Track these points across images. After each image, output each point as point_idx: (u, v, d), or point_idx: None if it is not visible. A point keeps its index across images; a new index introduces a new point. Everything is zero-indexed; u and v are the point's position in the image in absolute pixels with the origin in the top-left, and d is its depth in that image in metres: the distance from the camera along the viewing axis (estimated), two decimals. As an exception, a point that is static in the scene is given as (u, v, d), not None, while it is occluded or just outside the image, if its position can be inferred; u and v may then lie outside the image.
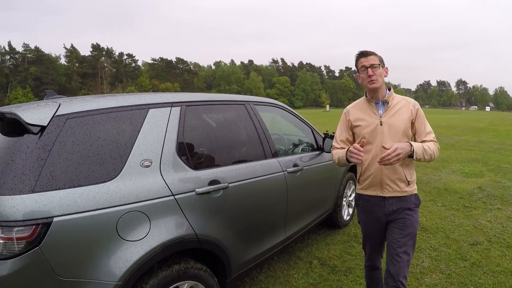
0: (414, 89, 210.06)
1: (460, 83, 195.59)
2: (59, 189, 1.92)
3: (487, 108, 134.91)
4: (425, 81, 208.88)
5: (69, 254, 1.92)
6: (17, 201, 1.81)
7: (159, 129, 2.45)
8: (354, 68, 2.73)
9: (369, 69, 2.49)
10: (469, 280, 3.66)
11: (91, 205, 1.98)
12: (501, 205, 6.15)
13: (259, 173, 3.12)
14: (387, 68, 2.63)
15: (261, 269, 3.92)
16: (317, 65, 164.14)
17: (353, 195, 5.37)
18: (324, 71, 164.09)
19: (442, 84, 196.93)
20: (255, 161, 3.21)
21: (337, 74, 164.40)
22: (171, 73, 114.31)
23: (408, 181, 2.56)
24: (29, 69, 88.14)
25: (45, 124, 1.99)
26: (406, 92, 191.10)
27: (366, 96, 2.68)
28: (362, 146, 2.41)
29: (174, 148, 2.48)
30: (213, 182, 2.63)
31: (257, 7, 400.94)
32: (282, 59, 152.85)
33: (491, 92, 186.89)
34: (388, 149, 2.34)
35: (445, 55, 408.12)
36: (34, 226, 1.81)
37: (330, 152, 4.23)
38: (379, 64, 2.52)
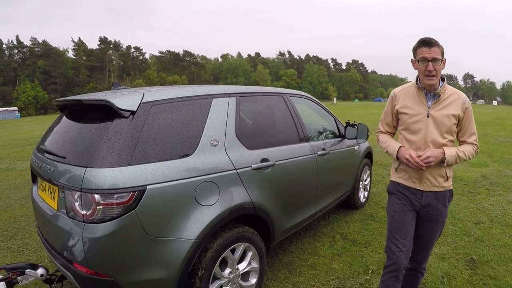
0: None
1: (467, 76, 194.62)
2: (150, 162, 2.38)
3: (494, 102, 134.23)
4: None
5: (158, 216, 2.38)
6: (117, 173, 2.23)
7: (221, 115, 2.97)
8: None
9: (430, 64, 2.36)
10: (473, 251, 4.16)
11: (175, 175, 2.47)
12: (503, 191, 6.63)
13: (296, 154, 3.66)
14: (445, 59, 2.46)
15: (291, 242, 4.46)
16: (324, 57, 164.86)
17: (368, 179, 5.92)
18: (331, 64, 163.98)
19: (449, 77, 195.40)
20: (293, 144, 3.73)
21: (344, 67, 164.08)
22: (178, 66, 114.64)
23: (447, 177, 2.56)
24: (37, 63, 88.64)
25: (135, 110, 2.46)
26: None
27: (417, 84, 2.56)
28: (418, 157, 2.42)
29: (234, 131, 3.01)
30: (264, 160, 3.17)
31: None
32: (289, 52, 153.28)
33: (498, 86, 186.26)
34: (420, 154, 2.41)
35: (453, 49, 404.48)
36: (131, 193, 2.24)
37: (350, 139, 4.81)
38: (441, 60, 2.39)
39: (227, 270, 2.85)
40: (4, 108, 65.28)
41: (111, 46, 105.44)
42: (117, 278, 2.30)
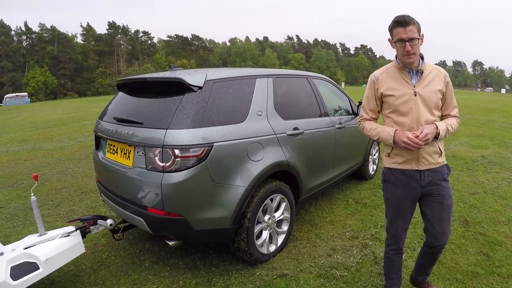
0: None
1: (476, 64, 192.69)
2: (215, 126, 3.11)
3: (503, 90, 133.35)
4: (440, 61, 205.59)
5: (221, 167, 3.11)
6: (192, 133, 2.95)
7: (263, 92, 3.71)
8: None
9: (407, 44, 2.34)
10: (467, 215, 4.85)
11: (233, 136, 3.20)
12: (499, 170, 7.28)
13: (319, 126, 4.40)
14: (423, 35, 2.42)
15: (311, 205, 5.21)
16: (332, 42, 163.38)
17: (377, 154, 6.65)
18: (340, 49, 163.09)
19: (458, 64, 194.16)
20: (316, 118, 4.46)
21: (352, 52, 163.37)
22: (186, 50, 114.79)
23: (441, 152, 2.58)
24: (46, 48, 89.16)
25: (201, 85, 3.19)
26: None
27: (397, 63, 2.55)
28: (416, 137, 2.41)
29: (272, 104, 3.74)
30: (295, 128, 3.91)
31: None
32: (297, 36, 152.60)
33: (507, 74, 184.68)
34: (417, 134, 2.41)
35: (462, 34, 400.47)
36: (203, 148, 2.97)
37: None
38: (418, 39, 2.37)
39: (267, 217, 3.61)
40: (14, 94, 66.07)
41: (120, 30, 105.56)
42: (187, 217, 3.02)
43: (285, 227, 3.89)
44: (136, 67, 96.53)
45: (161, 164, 2.95)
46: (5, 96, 62.49)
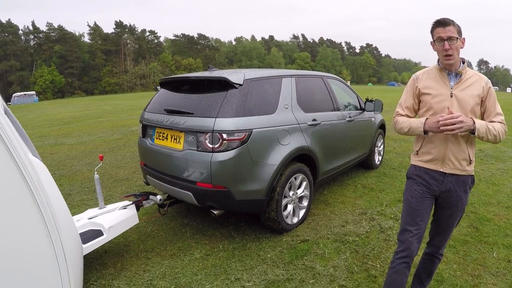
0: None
1: (482, 63, 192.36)
2: (253, 115, 3.87)
3: (508, 90, 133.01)
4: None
5: (258, 148, 3.85)
6: (236, 121, 3.70)
7: (288, 89, 4.46)
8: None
9: (446, 42, 2.39)
10: (462, 196, 5.57)
11: (267, 124, 3.96)
12: (495, 162, 7.98)
13: (333, 118, 5.15)
14: (464, 38, 2.47)
15: (324, 189, 5.94)
16: (337, 41, 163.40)
17: (382, 146, 7.42)
18: (345, 47, 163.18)
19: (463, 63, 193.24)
20: (330, 111, 5.21)
21: (357, 51, 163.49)
22: (193, 49, 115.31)
23: (470, 161, 2.54)
24: (54, 48, 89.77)
25: (241, 83, 3.94)
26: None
27: (438, 64, 2.59)
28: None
29: (296, 100, 4.49)
30: (314, 119, 4.66)
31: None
32: (303, 35, 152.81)
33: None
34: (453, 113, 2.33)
35: (468, 33, 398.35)
36: (244, 133, 3.73)
37: (370, 111, 6.23)
38: (457, 38, 2.39)
39: (291, 192, 4.35)
40: (22, 93, 66.55)
41: (126, 30, 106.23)
42: (231, 188, 3.77)
43: (305, 203, 4.63)
44: (143, 66, 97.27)
45: (211, 146, 3.69)
46: (13, 95, 63.01)
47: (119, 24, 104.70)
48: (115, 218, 3.80)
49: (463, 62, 2.54)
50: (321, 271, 3.53)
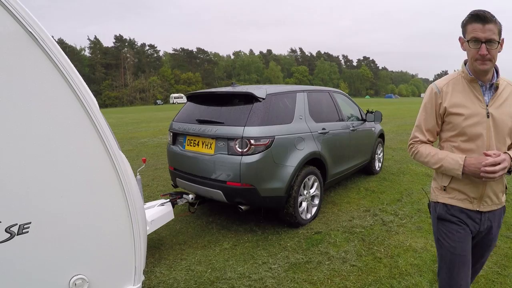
0: (432, 79, 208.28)
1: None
2: (275, 125, 4.57)
3: None
4: (442, 71, 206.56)
5: (279, 152, 4.53)
6: (261, 129, 4.38)
7: (302, 102, 5.18)
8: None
9: (483, 46, 1.86)
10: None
11: (286, 132, 4.66)
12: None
13: (338, 128, 5.86)
14: (503, 39, 1.94)
15: (330, 191, 6.63)
16: (335, 54, 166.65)
17: (382, 154, 8.14)
18: (342, 61, 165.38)
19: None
20: (336, 122, 5.92)
21: (355, 64, 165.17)
22: (192, 63, 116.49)
23: (506, 189, 2.18)
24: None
25: (264, 97, 4.65)
26: (424, 82, 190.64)
27: (467, 72, 2.04)
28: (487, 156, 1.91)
29: (308, 111, 5.21)
30: (323, 128, 5.37)
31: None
32: (301, 49, 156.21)
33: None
34: (491, 156, 1.88)
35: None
36: (268, 139, 4.42)
37: (370, 122, 6.95)
38: (498, 42, 1.88)
39: (305, 191, 5.04)
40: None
41: (126, 44, 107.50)
42: (257, 186, 4.45)
43: (316, 201, 5.32)
44: (143, 80, 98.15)
45: (240, 150, 4.37)
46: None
47: (119, 38, 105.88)
48: (155, 213, 4.36)
49: (497, 71, 2.04)
50: (334, 255, 4.19)
